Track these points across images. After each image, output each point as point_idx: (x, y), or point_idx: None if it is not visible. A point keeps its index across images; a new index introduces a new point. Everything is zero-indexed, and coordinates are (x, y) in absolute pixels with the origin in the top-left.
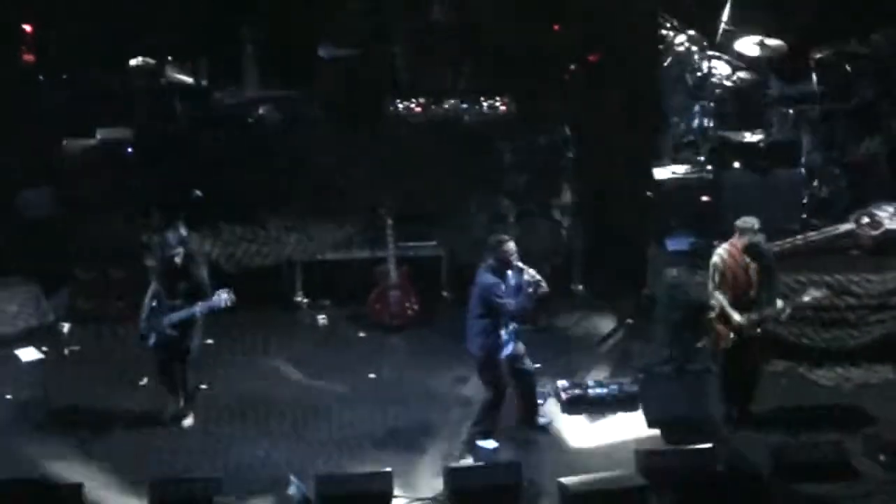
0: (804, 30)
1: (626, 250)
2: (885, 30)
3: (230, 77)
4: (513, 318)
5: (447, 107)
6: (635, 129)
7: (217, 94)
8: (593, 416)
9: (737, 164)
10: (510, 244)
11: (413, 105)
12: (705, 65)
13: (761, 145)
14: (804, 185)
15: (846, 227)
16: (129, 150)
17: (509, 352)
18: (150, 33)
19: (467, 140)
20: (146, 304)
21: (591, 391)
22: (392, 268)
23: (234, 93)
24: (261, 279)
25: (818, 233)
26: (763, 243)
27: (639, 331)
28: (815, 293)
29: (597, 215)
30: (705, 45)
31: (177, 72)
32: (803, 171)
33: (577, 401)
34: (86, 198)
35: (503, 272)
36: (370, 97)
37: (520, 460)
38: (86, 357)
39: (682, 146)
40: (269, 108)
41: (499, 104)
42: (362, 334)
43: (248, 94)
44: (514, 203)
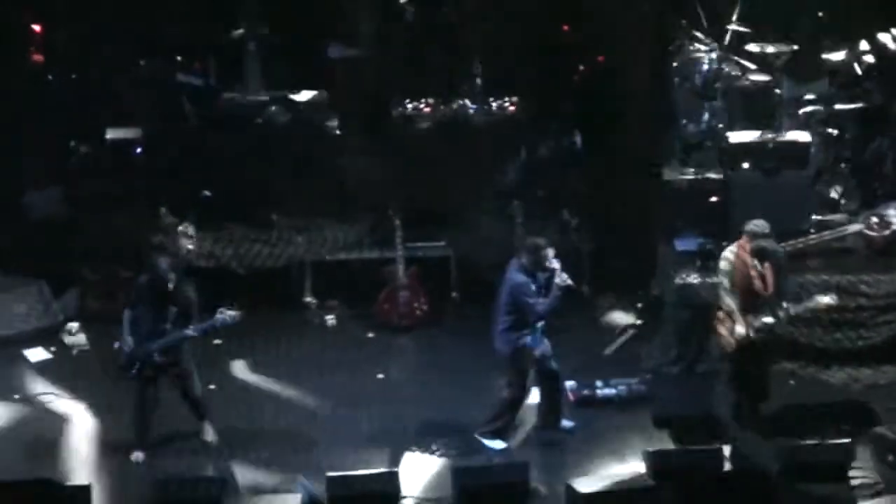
0: (814, 31)
1: (634, 251)
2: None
3: (238, 77)
4: (540, 318)
5: (455, 107)
6: (644, 130)
7: (225, 94)
8: (602, 416)
9: (745, 165)
10: (549, 251)
11: (421, 105)
12: (714, 65)
13: (770, 146)
14: (813, 185)
15: (855, 227)
16: (138, 151)
17: (536, 351)
18: (158, 33)
19: (476, 140)
20: (125, 332)
21: (599, 391)
22: (400, 268)
23: (242, 93)
24: (269, 279)
25: (827, 233)
26: (772, 246)
27: (647, 331)
28: (824, 299)
29: (605, 216)
30: (714, 45)
31: (185, 72)
32: (812, 171)
33: (586, 401)
34: (94, 198)
35: (535, 272)
36: (378, 97)
37: (527, 460)
38: (94, 357)
39: (690, 147)
40: (278, 108)
41: (507, 104)
42: (371, 335)
43: (253, 93)
44: (522, 203)
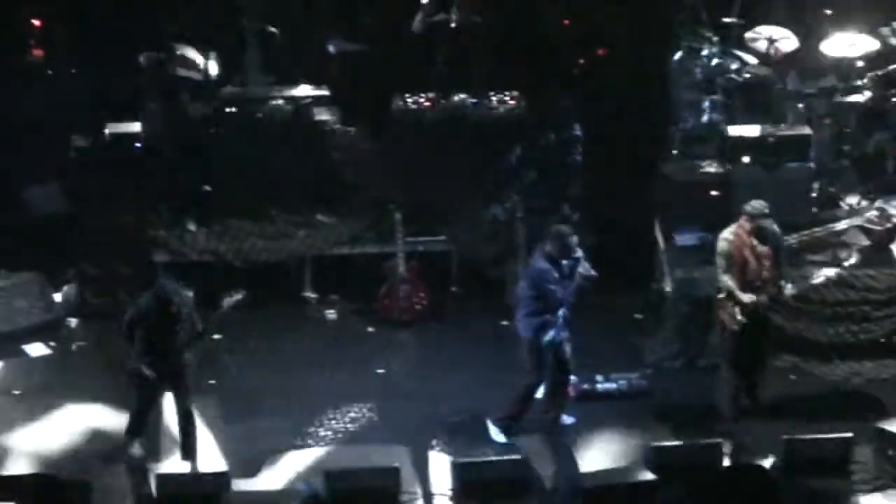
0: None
1: (634, 245)
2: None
3: (239, 71)
4: (560, 304)
5: (456, 101)
6: (644, 124)
7: (226, 88)
8: (602, 410)
9: (746, 159)
10: (573, 238)
11: (422, 100)
12: (715, 59)
13: (771, 140)
14: (813, 179)
15: (855, 221)
16: (138, 146)
17: (556, 337)
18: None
19: (476, 135)
20: (137, 349)
21: (600, 386)
22: (401, 263)
23: (243, 87)
24: (269, 275)
25: (827, 227)
26: (771, 226)
27: (648, 326)
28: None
29: (606, 210)
30: (715, 39)
31: (185, 66)
32: (813, 165)
33: (586, 395)
34: (93, 193)
35: (559, 260)
36: (379, 92)
37: (528, 455)
38: (93, 352)
39: (691, 141)
40: (278, 102)
41: (508, 99)
42: (371, 329)
43: (253, 88)
44: (522, 198)
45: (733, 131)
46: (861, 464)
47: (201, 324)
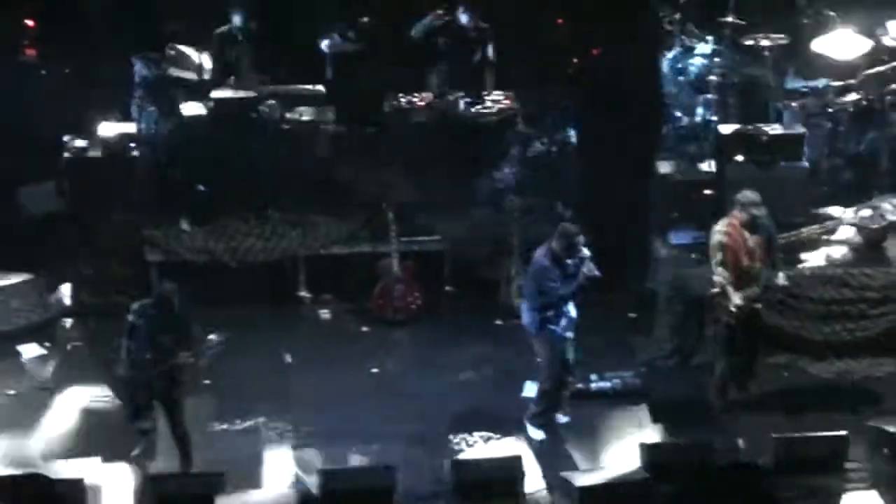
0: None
1: (629, 244)
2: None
3: (233, 71)
4: (561, 301)
5: (450, 100)
6: (638, 123)
7: (220, 88)
8: (596, 409)
9: (740, 158)
10: (579, 237)
11: (416, 99)
12: (708, 58)
13: (764, 139)
14: (808, 178)
15: (849, 220)
16: (132, 145)
17: (558, 332)
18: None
19: (470, 134)
20: (125, 353)
21: (593, 385)
22: (395, 262)
23: (236, 87)
24: (264, 274)
25: (821, 226)
26: (763, 215)
27: (642, 324)
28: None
29: (600, 209)
30: (710, 38)
31: (178, 66)
32: (807, 164)
33: (581, 394)
34: (87, 193)
35: (563, 258)
36: (372, 91)
37: (521, 454)
38: (88, 353)
39: (685, 139)
40: (273, 102)
41: (502, 99)
42: (365, 329)
43: (245, 86)
44: (516, 197)
45: (727, 130)
46: (855, 462)
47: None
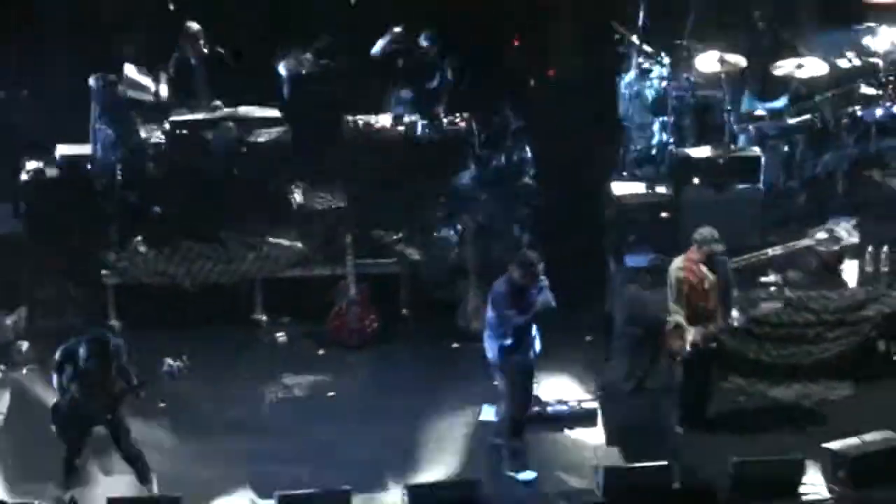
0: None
1: (585, 267)
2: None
3: (189, 93)
4: (519, 330)
5: (408, 122)
6: (594, 145)
7: (176, 110)
8: (553, 433)
9: (696, 180)
10: (539, 265)
11: (373, 121)
12: (664, 81)
13: (720, 161)
14: (764, 201)
15: (805, 242)
16: (89, 167)
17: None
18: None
19: (427, 156)
20: (61, 387)
21: (550, 408)
22: (352, 285)
23: (193, 108)
24: (220, 297)
25: (777, 249)
26: (720, 254)
27: (598, 347)
28: (771, 306)
29: (555, 231)
30: (665, 60)
31: (135, 88)
32: (763, 187)
33: (537, 418)
34: (43, 215)
35: (523, 286)
36: (330, 113)
37: (478, 477)
38: (44, 376)
39: (641, 162)
40: (228, 124)
41: (458, 120)
42: (322, 352)
43: (203, 109)
44: (473, 219)
45: (683, 152)
46: (811, 486)
47: (135, 378)
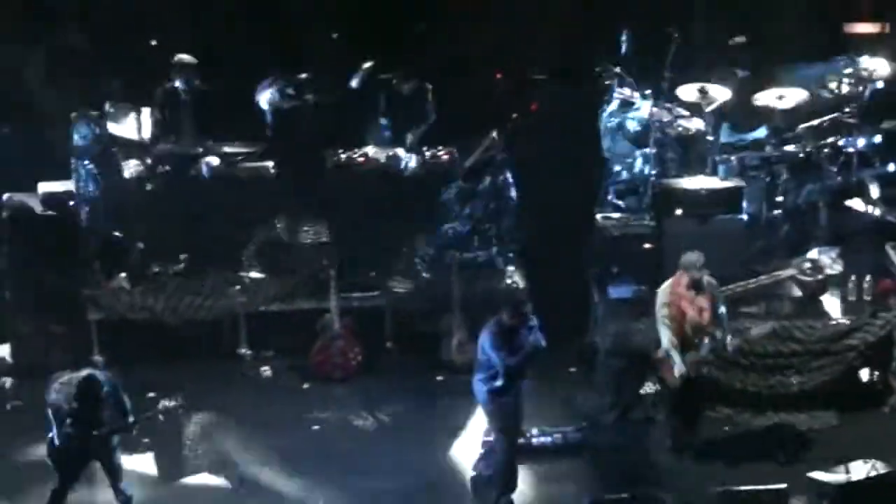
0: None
1: (568, 298)
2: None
3: (172, 128)
4: (507, 372)
5: (390, 155)
6: (577, 177)
7: (159, 145)
8: (538, 464)
9: (679, 212)
10: (528, 306)
11: (356, 155)
12: (646, 112)
13: (703, 192)
14: (746, 231)
15: (788, 272)
16: (71, 203)
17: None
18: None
19: (410, 190)
20: (55, 426)
21: (535, 440)
22: (336, 319)
23: (176, 144)
24: (204, 331)
25: (760, 279)
26: (706, 278)
27: (582, 379)
28: (760, 331)
29: (539, 263)
30: (647, 92)
31: (118, 124)
32: (745, 217)
33: (521, 449)
34: (27, 251)
35: (513, 328)
36: (313, 147)
37: None
38: (28, 412)
39: (624, 193)
40: (212, 159)
41: (441, 153)
42: (306, 385)
43: (187, 145)
44: (457, 252)
45: (665, 184)
46: None
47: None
